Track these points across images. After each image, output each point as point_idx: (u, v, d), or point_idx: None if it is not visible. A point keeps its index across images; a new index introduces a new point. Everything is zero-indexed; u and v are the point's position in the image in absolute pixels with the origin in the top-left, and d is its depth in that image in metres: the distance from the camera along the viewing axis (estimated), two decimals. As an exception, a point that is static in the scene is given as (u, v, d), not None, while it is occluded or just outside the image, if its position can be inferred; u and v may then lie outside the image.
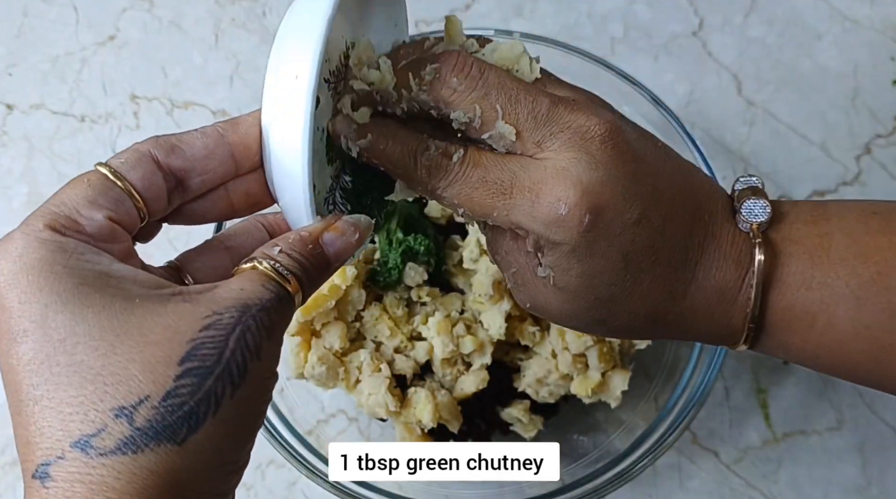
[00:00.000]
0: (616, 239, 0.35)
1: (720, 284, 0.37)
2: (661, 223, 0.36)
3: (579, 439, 0.62)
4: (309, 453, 0.54)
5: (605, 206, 0.34)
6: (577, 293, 0.37)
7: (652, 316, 0.38)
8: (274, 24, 0.75)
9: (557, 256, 0.36)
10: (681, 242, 0.37)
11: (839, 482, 0.64)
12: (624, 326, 0.39)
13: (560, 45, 0.60)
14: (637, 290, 0.37)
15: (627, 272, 0.36)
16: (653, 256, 0.36)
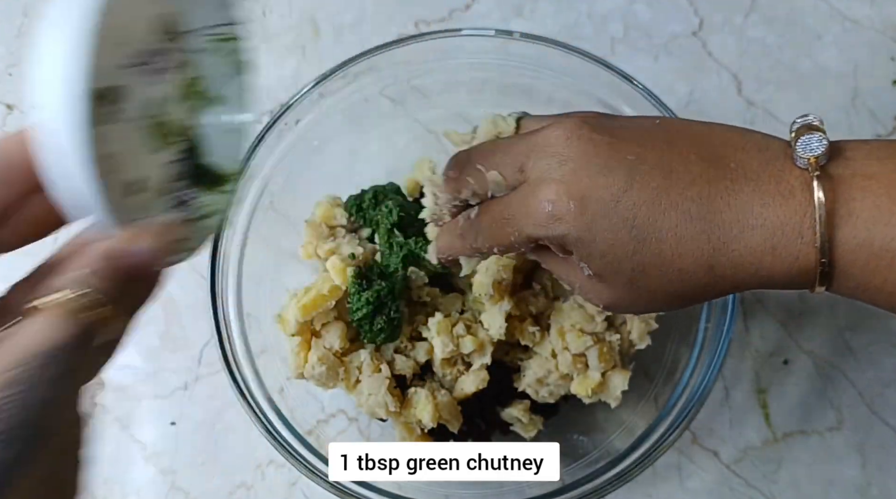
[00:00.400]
0: (613, 212, 0.38)
1: (774, 221, 0.37)
2: (659, 183, 0.38)
3: (579, 439, 0.62)
4: (309, 453, 0.54)
5: (584, 189, 0.38)
6: (614, 275, 0.39)
7: (704, 267, 0.38)
8: (273, 24, 0.75)
9: (576, 250, 0.40)
10: (696, 194, 0.38)
11: (839, 482, 0.64)
12: (686, 289, 0.39)
13: (560, 45, 0.60)
14: (666, 249, 0.38)
15: (642, 237, 0.38)
16: (662, 215, 0.38)
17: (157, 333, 0.68)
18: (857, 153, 0.38)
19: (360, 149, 0.68)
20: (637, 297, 0.41)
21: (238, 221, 0.59)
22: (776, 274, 0.38)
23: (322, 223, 0.60)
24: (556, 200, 0.38)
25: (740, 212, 0.38)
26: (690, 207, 0.38)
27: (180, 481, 0.65)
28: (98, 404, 0.67)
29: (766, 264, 0.38)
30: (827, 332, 0.67)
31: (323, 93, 0.61)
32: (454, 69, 0.64)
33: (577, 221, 0.38)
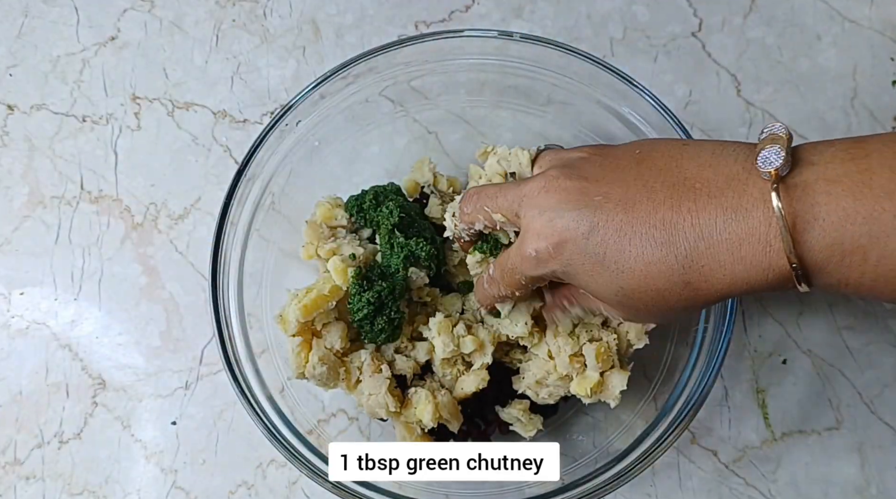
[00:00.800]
0: (585, 249, 0.43)
1: (737, 234, 0.40)
2: (622, 218, 0.42)
3: (579, 438, 0.62)
4: (309, 452, 0.54)
5: (559, 234, 0.44)
6: (609, 298, 0.45)
7: (680, 284, 0.42)
8: (274, 25, 0.76)
9: (569, 281, 0.46)
10: (658, 220, 0.41)
11: (838, 482, 0.64)
12: (672, 305, 0.43)
13: (560, 45, 0.60)
14: (638, 274, 0.42)
15: (614, 268, 0.43)
16: (628, 244, 0.42)
17: (158, 332, 0.68)
18: (820, 158, 0.40)
19: (360, 149, 0.68)
20: (636, 313, 0.46)
21: (239, 221, 0.59)
22: (754, 282, 0.41)
23: (323, 224, 0.61)
24: (537, 247, 0.45)
25: (705, 229, 0.40)
26: (654, 233, 0.41)
27: (181, 481, 0.65)
28: (99, 403, 0.67)
29: (740, 274, 0.40)
30: (826, 332, 0.67)
31: (323, 93, 0.61)
32: (454, 70, 0.64)
33: (558, 261, 0.45)
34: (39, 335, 0.68)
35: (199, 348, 0.68)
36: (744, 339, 0.67)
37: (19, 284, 0.69)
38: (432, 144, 0.70)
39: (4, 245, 0.70)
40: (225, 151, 0.72)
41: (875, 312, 0.67)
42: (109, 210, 0.71)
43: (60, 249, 0.70)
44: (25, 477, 0.65)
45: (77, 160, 0.72)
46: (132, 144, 0.73)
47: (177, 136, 0.73)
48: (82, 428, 0.66)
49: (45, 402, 0.67)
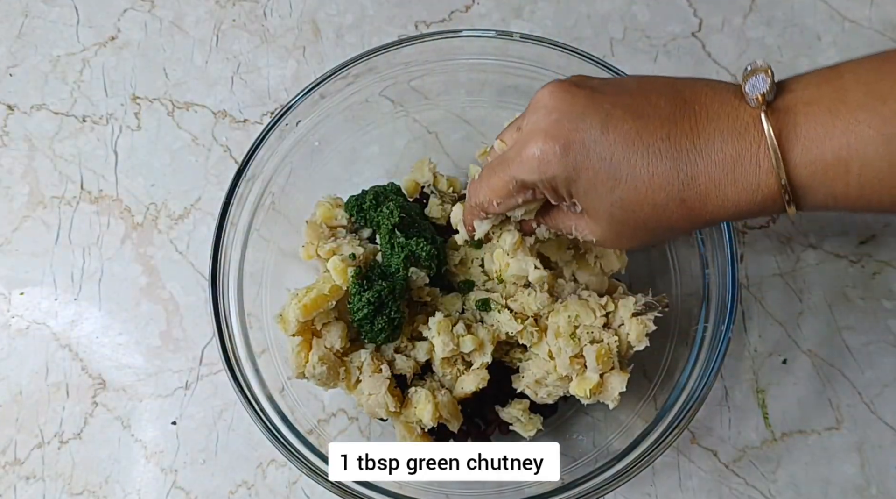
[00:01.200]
0: (592, 152, 0.44)
1: (732, 155, 0.42)
2: (630, 125, 0.43)
3: (579, 438, 0.62)
4: (310, 452, 0.54)
5: (567, 134, 0.44)
6: (598, 211, 0.45)
7: (676, 200, 0.43)
8: (274, 25, 0.76)
9: (565, 189, 0.46)
10: (664, 134, 0.43)
11: (838, 482, 0.64)
12: (664, 223, 0.44)
13: (560, 45, 0.60)
14: (640, 185, 0.43)
15: (618, 175, 0.43)
16: (635, 153, 0.43)
17: (159, 332, 0.68)
18: (797, 85, 0.43)
19: (360, 149, 0.68)
20: (622, 231, 0.46)
21: (239, 221, 0.59)
22: (742, 203, 0.43)
23: (323, 223, 0.61)
24: (543, 146, 0.44)
25: (703, 148, 0.42)
26: (660, 145, 0.43)
27: (181, 480, 0.65)
28: (99, 403, 0.67)
29: (731, 195, 0.42)
30: (825, 332, 0.67)
31: (323, 93, 0.61)
32: (454, 70, 0.64)
33: (562, 163, 0.44)
34: (39, 335, 0.68)
35: (199, 348, 0.68)
36: (744, 339, 0.67)
37: (19, 284, 0.70)
38: (432, 144, 0.70)
39: (4, 245, 0.70)
40: (225, 151, 0.72)
41: (875, 312, 0.67)
42: (109, 210, 0.71)
43: (60, 249, 0.70)
44: (25, 477, 0.65)
45: (77, 160, 0.72)
46: (132, 143, 0.73)
47: (177, 136, 0.73)
48: (82, 428, 0.66)
49: (45, 402, 0.67)
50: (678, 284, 0.61)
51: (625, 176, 0.43)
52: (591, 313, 0.55)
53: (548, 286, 0.57)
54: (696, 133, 0.43)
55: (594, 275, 0.58)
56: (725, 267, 0.56)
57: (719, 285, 0.57)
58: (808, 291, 0.68)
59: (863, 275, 0.68)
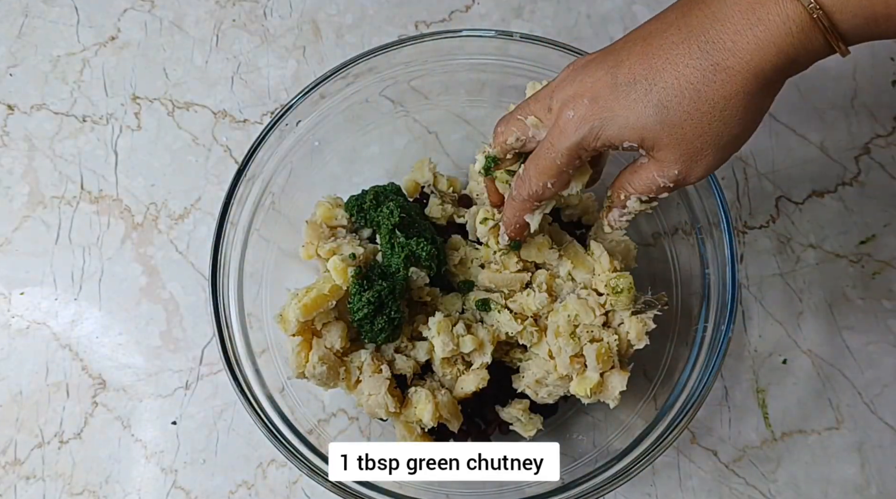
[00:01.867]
0: (617, 86, 0.44)
1: (748, 1, 0.41)
2: (641, 44, 0.44)
3: (579, 438, 0.62)
4: (310, 452, 0.54)
5: (590, 87, 0.45)
6: (653, 135, 0.44)
7: (710, 70, 0.42)
8: (274, 25, 0.76)
9: (609, 135, 0.45)
10: (675, 28, 0.43)
11: (838, 482, 0.64)
12: (714, 104, 0.43)
13: (560, 45, 0.60)
14: (670, 79, 0.43)
15: (648, 86, 0.43)
16: (654, 58, 0.43)
17: (159, 333, 0.68)
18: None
19: (360, 149, 0.68)
20: (685, 137, 0.44)
21: (239, 221, 0.59)
22: (780, 42, 0.41)
23: (323, 223, 0.61)
24: (575, 106, 0.46)
25: (717, 11, 0.42)
26: (673, 38, 0.43)
27: (181, 480, 0.65)
28: (99, 403, 0.67)
29: (763, 36, 0.41)
30: (826, 331, 0.67)
31: (323, 93, 0.61)
32: (454, 70, 0.64)
33: (596, 111, 0.45)
34: (40, 335, 0.68)
35: (199, 348, 0.68)
36: (744, 339, 0.67)
37: (19, 284, 0.70)
38: (432, 144, 0.70)
39: (4, 245, 0.70)
40: (225, 151, 0.72)
41: (875, 312, 0.67)
42: (109, 210, 0.71)
43: (60, 249, 0.70)
44: (25, 477, 0.65)
45: (77, 160, 0.72)
46: (132, 143, 0.73)
47: (177, 136, 0.73)
48: (82, 428, 0.66)
49: (45, 402, 0.67)
50: (678, 284, 0.61)
51: (653, 80, 0.43)
52: (591, 312, 0.55)
53: (546, 286, 0.57)
54: (707, 4, 0.42)
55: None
56: (725, 267, 0.56)
57: (719, 285, 0.57)
58: (808, 291, 0.68)
59: (863, 275, 0.68)
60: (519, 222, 0.54)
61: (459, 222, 0.63)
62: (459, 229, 0.63)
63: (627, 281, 0.54)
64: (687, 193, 0.59)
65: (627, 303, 0.55)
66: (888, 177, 0.71)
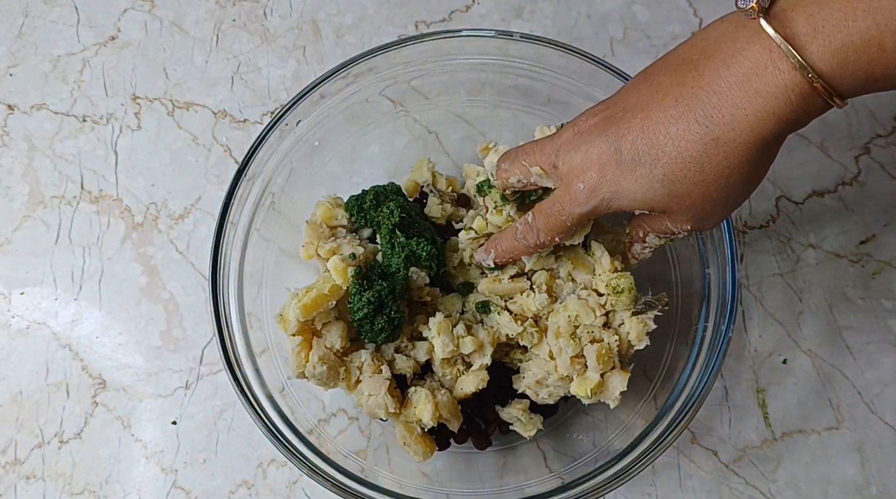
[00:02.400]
0: (620, 159, 0.46)
1: (744, 72, 0.41)
2: (640, 115, 0.45)
3: (579, 438, 0.62)
4: (310, 452, 0.54)
5: (597, 159, 0.47)
6: (660, 201, 0.46)
7: (710, 144, 0.43)
8: (274, 25, 0.76)
9: (619, 204, 0.47)
10: (672, 100, 0.44)
11: (838, 482, 0.64)
12: (715, 174, 0.44)
13: (560, 45, 0.60)
14: (672, 153, 0.44)
15: (650, 161, 0.45)
16: (653, 133, 0.44)
17: (159, 332, 0.68)
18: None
19: (360, 149, 0.68)
20: (694, 203, 0.46)
21: (239, 221, 0.59)
22: (780, 111, 0.41)
23: (323, 223, 0.61)
24: (584, 179, 0.47)
25: (711, 84, 0.42)
26: (670, 112, 0.44)
27: (181, 480, 0.65)
28: (99, 403, 0.67)
29: (762, 107, 0.41)
30: (826, 331, 0.67)
31: (323, 93, 0.61)
32: (454, 70, 0.64)
33: (604, 184, 0.47)
34: (40, 335, 0.68)
35: (199, 348, 0.68)
36: (744, 339, 0.67)
37: (19, 284, 0.70)
38: (432, 144, 0.70)
39: (4, 245, 0.70)
40: (225, 150, 0.72)
41: (875, 312, 0.67)
42: (109, 210, 0.71)
43: (60, 249, 0.70)
44: (25, 477, 0.65)
45: (77, 160, 0.72)
46: (132, 143, 0.73)
47: (177, 136, 0.73)
48: (82, 428, 0.66)
49: (45, 402, 0.67)
50: (678, 284, 0.61)
51: (655, 156, 0.44)
52: (591, 313, 0.55)
53: (547, 287, 0.57)
54: (700, 75, 0.43)
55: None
56: (725, 267, 0.56)
57: (719, 285, 0.57)
58: (808, 291, 0.68)
59: (863, 275, 0.68)
60: (513, 258, 0.56)
61: (458, 227, 0.63)
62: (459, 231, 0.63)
63: (628, 281, 0.54)
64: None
65: (628, 303, 0.55)
66: (888, 177, 0.71)
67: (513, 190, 0.54)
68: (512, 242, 0.54)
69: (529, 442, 0.62)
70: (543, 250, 0.54)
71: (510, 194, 0.55)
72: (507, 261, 0.56)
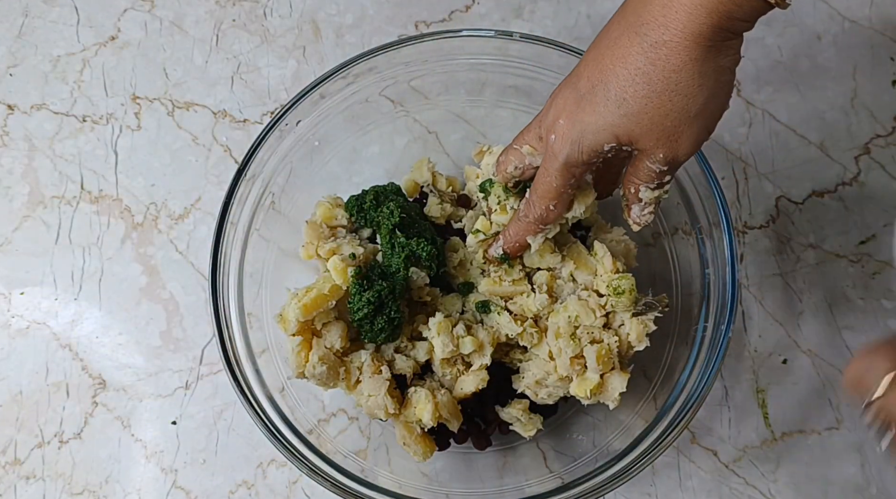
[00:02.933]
0: (580, 98, 0.47)
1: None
2: (593, 53, 0.47)
3: (578, 438, 0.62)
4: (310, 452, 0.54)
5: (561, 108, 0.48)
6: (625, 127, 0.46)
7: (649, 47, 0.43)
8: (274, 25, 0.76)
9: (589, 141, 0.47)
10: (613, 30, 0.46)
11: (838, 482, 0.64)
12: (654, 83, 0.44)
13: (559, 45, 0.60)
14: (612, 64, 0.45)
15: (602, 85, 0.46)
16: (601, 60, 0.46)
17: (159, 332, 0.68)
18: None
19: (360, 149, 0.68)
20: (656, 122, 0.45)
21: (239, 221, 0.59)
22: (708, 4, 0.41)
23: (323, 223, 0.61)
24: (555, 130, 0.48)
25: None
26: (614, 34, 0.45)
27: (181, 480, 0.65)
28: (99, 403, 0.67)
29: (688, 2, 0.42)
30: (825, 331, 0.67)
31: (323, 93, 0.61)
32: (454, 70, 0.64)
33: (570, 126, 0.47)
34: (40, 335, 0.68)
35: (199, 348, 0.68)
36: (744, 339, 0.67)
37: (19, 284, 0.70)
38: (432, 144, 0.70)
39: (4, 245, 0.70)
40: (225, 150, 0.72)
41: (875, 312, 0.67)
42: (109, 210, 0.71)
43: (60, 249, 0.70)
44: (25, 477, 0.65)
45: (77, 160, 0.72)
46: (132, 143, 0.73)
47: (177, 136, 0.73)
48: (82, 428, 0.66)
49: (45, 402, 0.67)
50: (678, 284, 0.61)
51: (606, 80, 0.45)
52: (591, 314, 0.55)
53: (547, 287, 0.57)
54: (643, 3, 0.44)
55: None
56: (725, 267, 0.56)
57: (719, 285, 0.57)
58: (808, 291, 0.68)
59: (863, 275, 0.68)
60: (520, 242, 0.55)
61: (457, 227, 0.63)
62: (458, 231, 0.63)
63: (630, 282, 0.54)
64: (687, 193, 0.59)
65: (628, 304, 0.55)
66: (888, 177, 0.71)
67: (514, 180, 0.55)
68: (517, 225, 0.55)
69: (529, 442, 0.62)
70: (547, 228, 0.54)
71: (512, 187, 0.55)
72: (516, 247, 0.56)
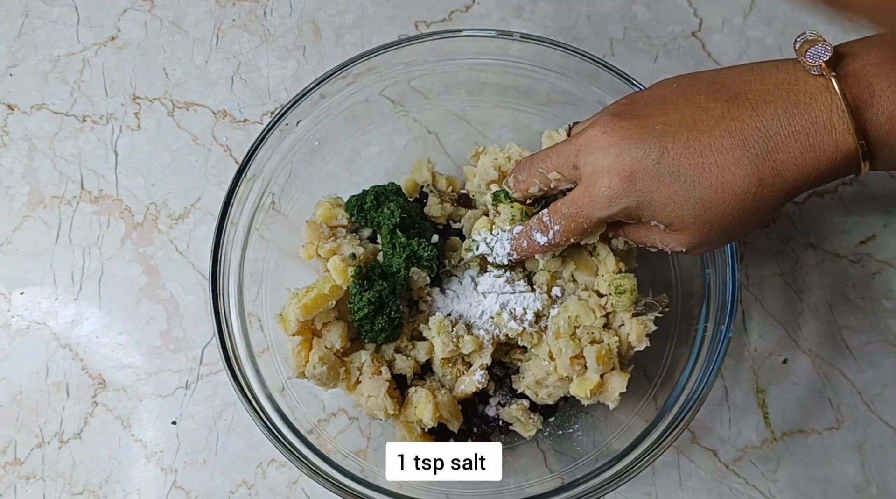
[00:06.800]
0: (659, 172, 0.46)
1: (803, 125, 0.44)
2: (687, 136, 0.45)
3: (579, 438, 0.62)
4: (310, 452, 0.54)
5: (630, 166, 0.46)
6: (681, 220, 0.47)
7: (754, 182, 0.45)
8: (274, 25, 0.76)
9: (642, 213, 0.48)
10: (723, 131, 0.45)
11: (838, 482, 0.64)
12: (747, 208, 0.46)
13: (560, 45, 0.60)
14: (714, 181, 0.45)
15: (691, 181, 0.45)
16: (700, 157, 0.45)
17: (159, 332, 0.68)
18: (860, 48, 0.45)
19: (360, 149, 0.68)
20: (710, 231, 0.47)
21: (239, 221, 0.59)
22: (823, 167, 0.44)
23: (323, 223, 0.61)
24: (610, 183, 0.47)
25: (770, 128, 0.44)
26: (723, 142, 0.45)
27: (181, 480, 0.65)
28: (99, 403, 0.67)
29: (811, 162, 0.44)
30: (826, 331, 0.67)
31: (324, 93, 0.61)
32: (454, 70, 0.64)
33: (633, 193, 0.47)
34: (40, 335, 0.68)
35: (199, 348, 0.68)
36: (744, 339, 0.67)
37: (19, 284, 0.70)
38: (432, 144, 0.70)
39: (4, 245, 0.70)
40: (225, 150, 0.72)
41: (875, 312, 0.67)
42: (109, 210, 0.71)
43: (60, 249, 0.70)
44: (25, 477, 0.65)
45: (77, 160, 0.72)
46: (132, 143, 0.73)
47: (177, 136, 0.73)
48: (82, 428, 0.66)
49: (45, 402, 0.67)
50: (678, 284, 0.61)
51: (697, 180, 0.45)
52: (592, 314, 0.55)
53: (547, 287, 0.57)
54: (759, 117, 0.44)
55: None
56: (725, 267, 0.56)
57: (719, 286, 0.57)
58: (808, 291, 0.68)
59: (863, 275, 0.68)
60: (528, 257, 0.55)
61: (456, 228, 0.63)
62: (458, 231, 0.63)
63: (631, 282, 0.54)
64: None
65: (629, 304, 0.55)
66: (888, 177, 0.71)
67: (533, 198, 0.55)
68: (529, 243, 0.54)
69: (529, 442, 0.62)
70: (557, 249, 0.54)
71: (528, 206, 0.55)
72: (521, 259, 0.56)
